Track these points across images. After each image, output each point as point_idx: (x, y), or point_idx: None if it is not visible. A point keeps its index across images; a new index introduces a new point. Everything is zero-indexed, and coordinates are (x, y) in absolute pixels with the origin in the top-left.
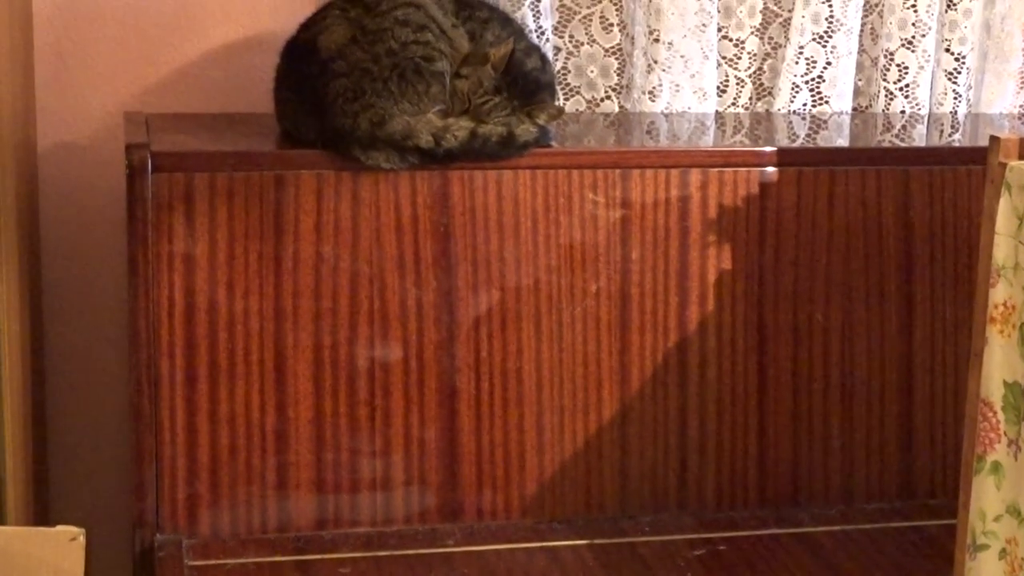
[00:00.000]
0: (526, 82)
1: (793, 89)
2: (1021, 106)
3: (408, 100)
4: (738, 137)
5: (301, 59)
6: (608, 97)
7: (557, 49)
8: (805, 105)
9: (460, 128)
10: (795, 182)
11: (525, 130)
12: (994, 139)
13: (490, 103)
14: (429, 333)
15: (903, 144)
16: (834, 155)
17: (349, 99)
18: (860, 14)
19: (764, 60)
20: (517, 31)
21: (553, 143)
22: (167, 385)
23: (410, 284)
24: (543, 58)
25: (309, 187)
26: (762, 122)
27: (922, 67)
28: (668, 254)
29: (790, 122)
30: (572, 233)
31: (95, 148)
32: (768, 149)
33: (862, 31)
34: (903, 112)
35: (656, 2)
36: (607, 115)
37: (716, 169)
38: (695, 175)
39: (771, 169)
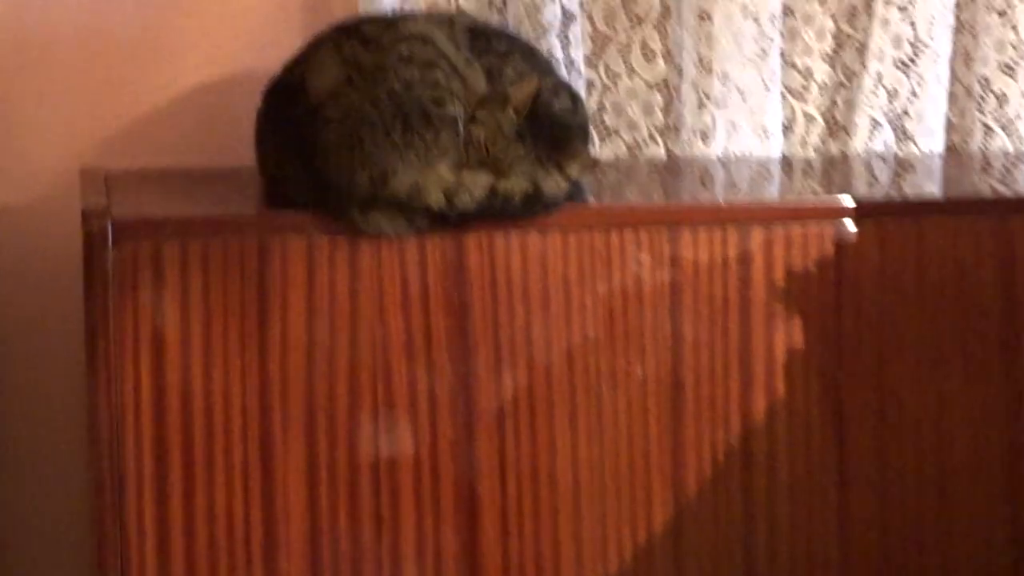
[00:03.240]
0: (554, 126)
1: (872, 125)
2: None
3: (415, 151)
4: (808, 184)
5: (287, 103)
6: (652, 139)
7: (591, 84)
8: (887, 144)
9: (477, 184)
10: (877, 238)
11: (554, 184)
12: None
13: (512, 153)
14: (444, 427)
15: (1005, 190)
16: (923, 205)
17: (344, 151)
18: (950, 35)
19: (837, 91)
20: (543, 65)
21: (588, 198)
22: (134, 491)
23: (420, 369)
24: (574, 97)
25: (298, 256)
26: (836, 166)
27: None
28: (727, 328)
29: (870, 165)
30: (612, 305)
31: (47, 211)
32: (844, 199)
33: (953, 55)
34: (1004, 151)
35: (707, 26)
36: (651, 161)
37: (782, 225)
38: (757, 232)
39: (848, 223)
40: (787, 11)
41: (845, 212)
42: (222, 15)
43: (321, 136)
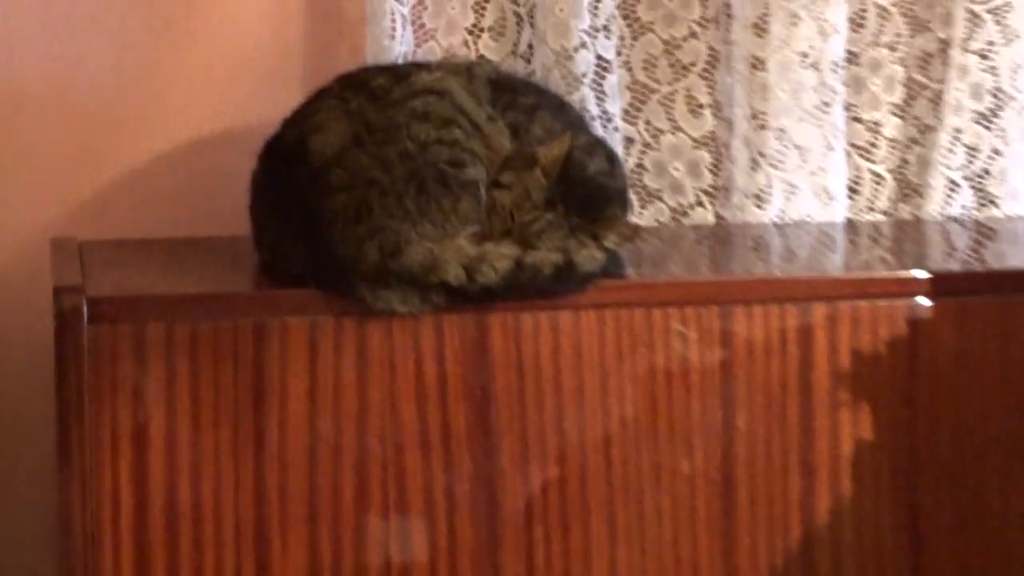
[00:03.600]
0: (588, 191)
1: (949, 187)
2: None
3: (430, 220)
4: (877, 254)
5: (287, 165)
6: (700, 203)
7: (629, 141)
8: (966, 209)
9: (501, 257)
10: (956, 316)
11: (588, 256)
12: None
13: (541, 221)
14: (464, 532)
15: None
16: (1008, 278)
17: (352, 220)
18: None
19: (908, 149)
20: (575, 121)
21: (627, 272)
22: None
23: (437, 467)
24: (611, 157)
25: (299, 339)
26: (908, 233)
27: None
28: (785, 419)
29: (946, 232)
30: (655, 392)
31: (12, 285)
32: (918, 273)
33: None
34: None
35: (760, 75)
36: (699, 228)
37: (848, 300)
38: (820, 309)
39: (923, 300)
40: (851, 58)
41: (919, 286)
42: (211, 65)
43: (325, 202)
